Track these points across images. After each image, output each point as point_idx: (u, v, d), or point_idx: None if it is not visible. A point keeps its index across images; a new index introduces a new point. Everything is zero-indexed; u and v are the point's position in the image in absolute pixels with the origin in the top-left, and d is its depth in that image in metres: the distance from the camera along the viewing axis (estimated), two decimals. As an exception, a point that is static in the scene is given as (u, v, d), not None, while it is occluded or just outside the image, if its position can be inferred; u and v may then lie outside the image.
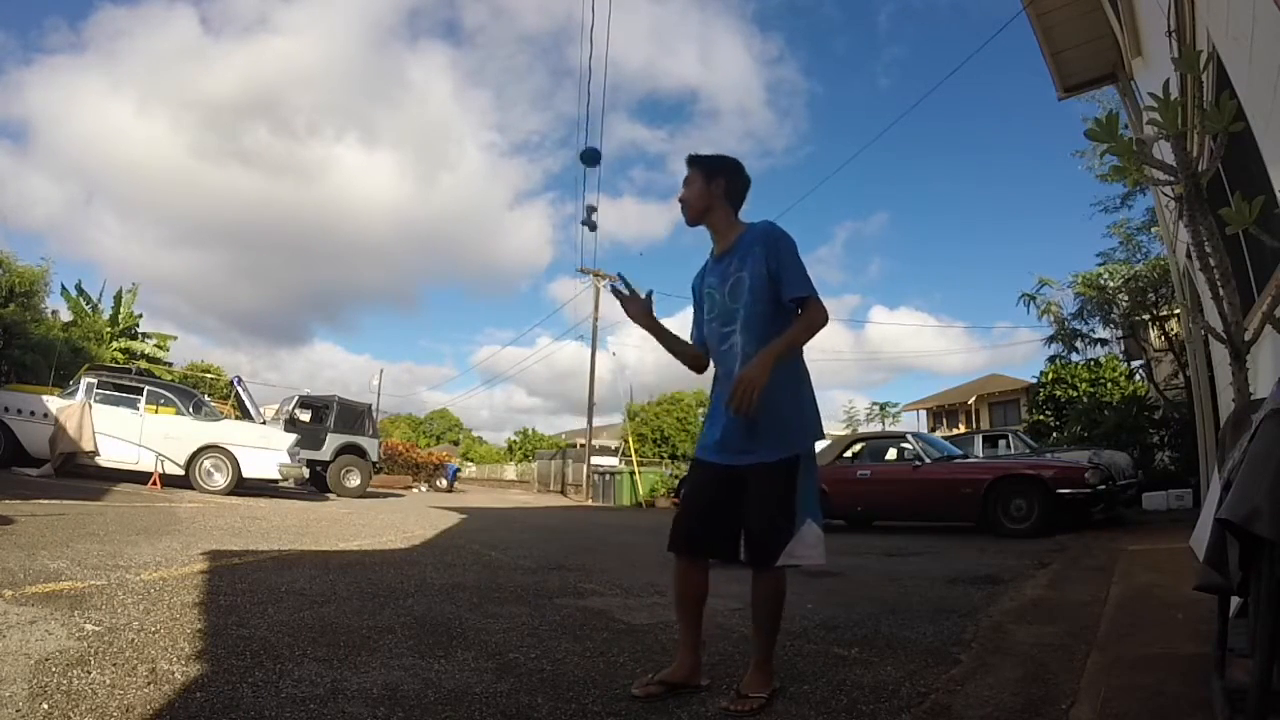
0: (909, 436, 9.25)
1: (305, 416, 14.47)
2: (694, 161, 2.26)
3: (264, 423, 13.54)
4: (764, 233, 2.14)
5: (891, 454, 9.12)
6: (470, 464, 46.87)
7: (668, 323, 2.37)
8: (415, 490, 20.14)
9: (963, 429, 25.07)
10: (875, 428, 27.89)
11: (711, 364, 2.26)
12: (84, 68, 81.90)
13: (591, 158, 2.33)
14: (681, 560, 2.11)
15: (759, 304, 2.08)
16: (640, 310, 2.30)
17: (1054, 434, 14.76)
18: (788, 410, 2.04)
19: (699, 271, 2.34)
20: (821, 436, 2.23)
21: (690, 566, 2.11)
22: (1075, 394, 14.58)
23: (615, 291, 2.35)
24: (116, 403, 10.09)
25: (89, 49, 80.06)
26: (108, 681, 1.89)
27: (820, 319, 2.07)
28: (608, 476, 20.74)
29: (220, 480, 10.14)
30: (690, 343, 2.35)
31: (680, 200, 2.27)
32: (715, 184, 2.21)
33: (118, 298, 23.08)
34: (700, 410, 30.01)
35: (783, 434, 2.03)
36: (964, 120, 75.06)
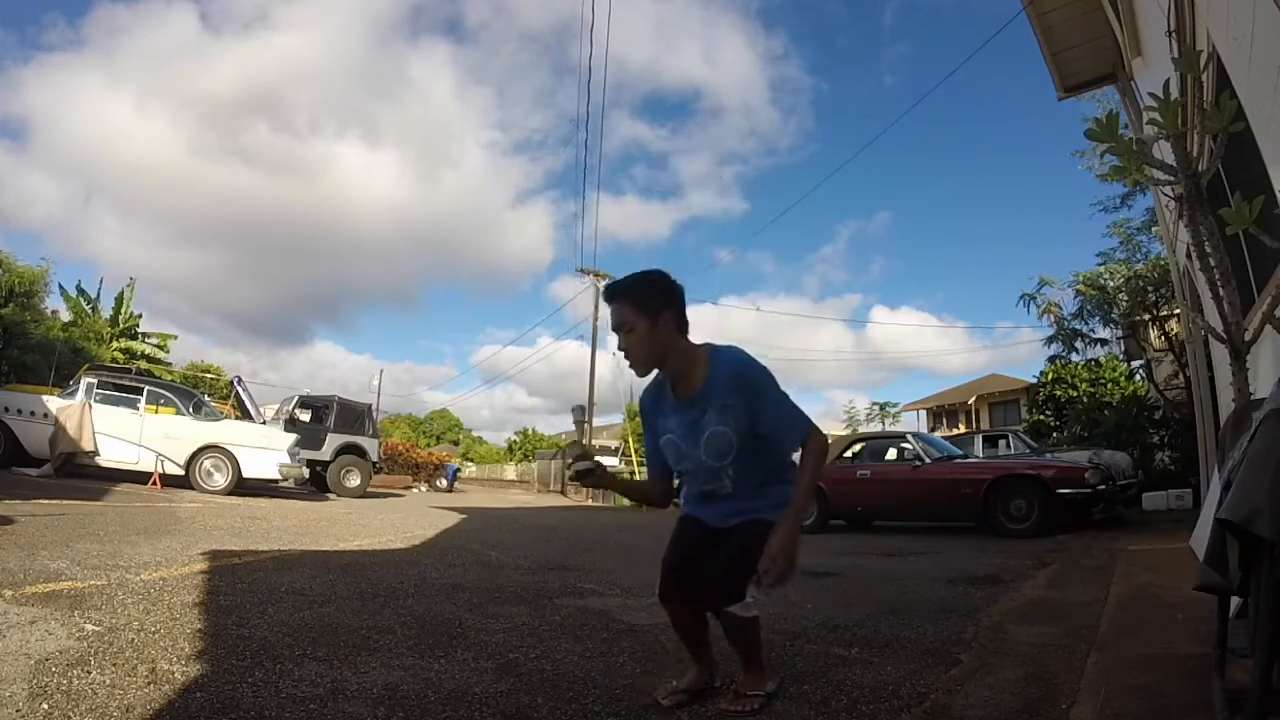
0: (909, 436, 9.25)
1: (305, 416, 14.47)
2: (622, 297, 1.91)
3: (264, 423, 13.54)
4: (739, 376, 1.88)
5: (891, 454, 9.12)
6: (470, 464, 46.90)
7: None
8: (415, 490, 20.14)
9: (963, 429, 25.05)
10: (875, 428, 27.89)
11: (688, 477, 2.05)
12: (83, 65, 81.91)
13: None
14: (673, 607, 2.04)
15: (747, 456, 1.91)
16: (603, 478, 2.01)
17: (1054, 434, 14.76)
18: (788, 489, 1.95)
19: (650, 392, 2.06)
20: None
21: (681, 610, 2.03)
22: (1075, 394, 14.57)
23: (578, 475, 2.00)
24: (116, 403, 10.09)
25: (88, 46, 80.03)
26: (108, 681, 1.89)
27: (824, 450, 1.90)
28: (608, 476, 20.69)
29: (220, 480, 10.14)
30: (651, 481, 2.16)
31: (623, 352, 1.92)
32: (662, 322, 1.88)
33: (119, 298, 23.12)
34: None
35: (777, 501, 1.94)
36: (965, 120, 75.11)
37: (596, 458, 2.05)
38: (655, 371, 1.99)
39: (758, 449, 1.92)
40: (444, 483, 22.09)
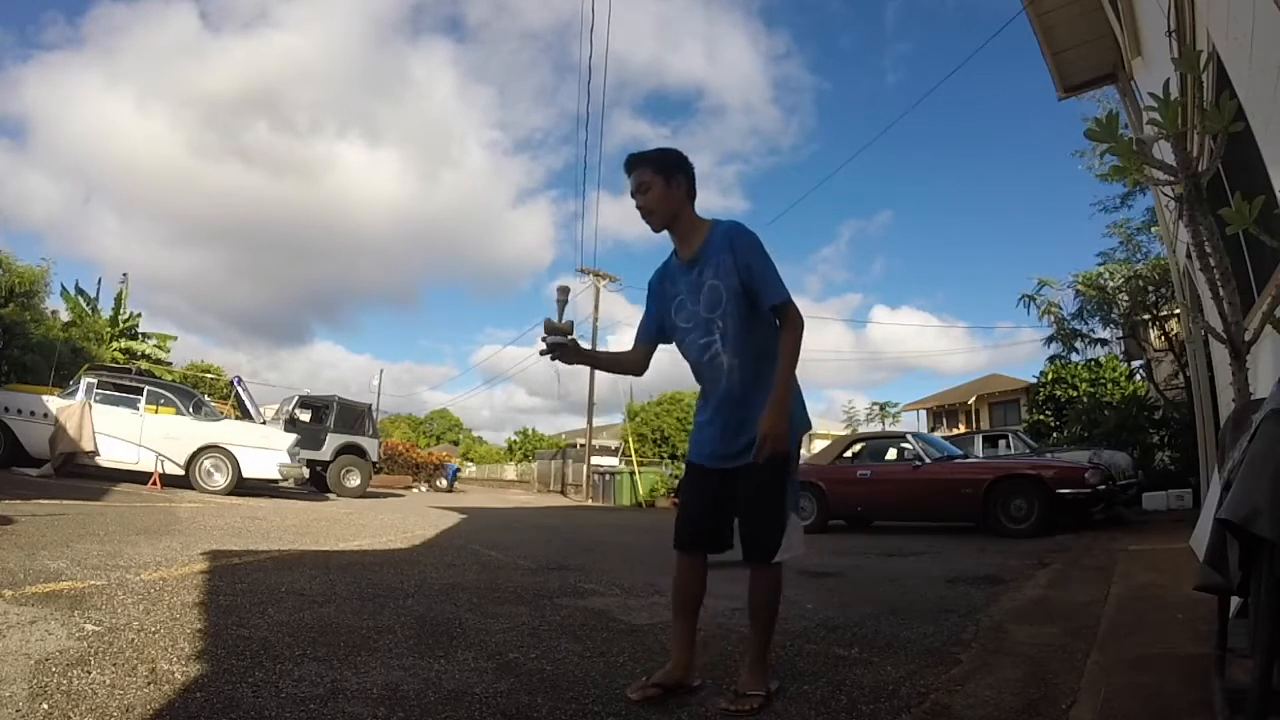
0: (909, 436, 9.25)
1: (305, 416, 14.48)
2: (643, 161, 2.13)
3: (264, 423, 13.54)
4: (731, 236, 2.08)
5: (891, 454, 9.12)
6: (470, 464, 46.89)
7: None
8: (415, 490, 20.15)
9: (963, 429, 25.04)
10: (875, 428, 27.88)
11: (693, 373, 2.20)
12: (82, 64, 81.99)
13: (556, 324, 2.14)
14: (684, 557, 2.12)
15: (736, 313, 2.06)
16: (573, 354, 2.21)
17: (1054, 434, 14.76)
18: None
19: (659, 270, 2.27)
20: (809, 427, 2.22)
21: (692, 563, 2.12)
22: (1075, 394, 14.58)
23: (551, 349, 2.17)
24: (116, 403, 10.09)
25: (87, 45, 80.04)
26: (108, 681, 1.89)
27: (800, 325, 2.05)
28: (608, 476, 20.74)
29: (220, 480, 10.14)
30: (629, 350, 2.31)
31: (641, 209, 2.13)
32: (676, 183, 2.12)
33: (118, 297, 23.12)
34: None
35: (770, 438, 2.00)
36: (966, 120, 75.12)
37: (571, 336, 2.19)
38: (664, 260, 2.24)
39: (747, 309, 2.05)
40: (444, 483, 22.09)
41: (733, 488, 2.06)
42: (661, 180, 2.11)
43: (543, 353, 2.18)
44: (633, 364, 2.33)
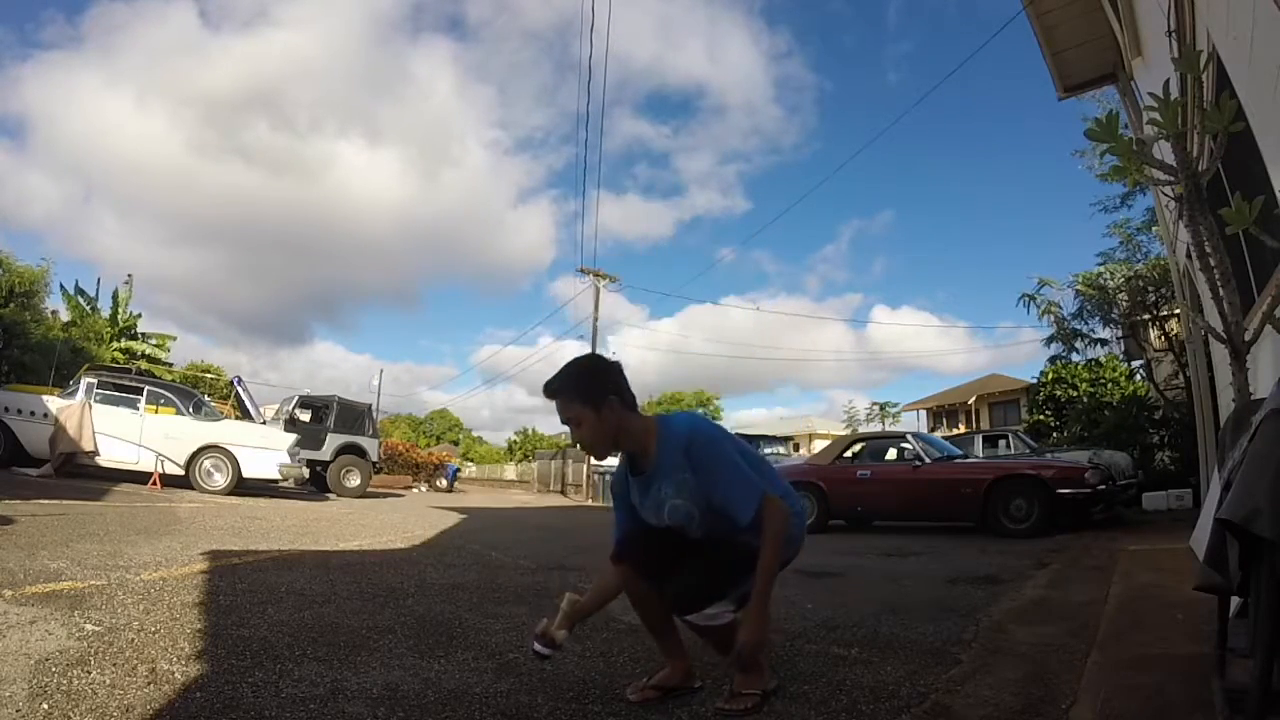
0: (909, 436, 9.25)
1: (305, 416, 14.48)
2: (564, 393, 1.93)
3: (264, 423, 13.55)
4: (683, 452, 1.89)
5: (891, 454, 9.12)
6: (470, 464, 46.90)
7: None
8: (415, 490, 20.14)
9: (963, 429, 25.05)
10: (875, 428, 27.89)
11: None
12: (82, 63, 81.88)
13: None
14: (624, 569, 2.07)
15: (708, 520, 1.94)
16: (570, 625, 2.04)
17: (1054, 434, 14.76)
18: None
19: (618, 476, 2.12)
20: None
21: (636, 574, 2.06)
22: (1075, 394, 14.57)
23: (539, 656, 2.00)
24: (116, 403, 10.09)
25: (86, 43, 79.95)
26: (108, 681, 1.89)
27: (781, 519, 1.88)
28: (607, 476, 20.72)
29: (220, 480, 10.14)
30: (610, 577, 2.12)
31: (580, 444, 2.00)
32: (608, 407, 1.91)
33: (115, 295, 23.11)
34: (700, 410, 29.98)
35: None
36: (966, 119, 75.11)
37: (560, 646, 2.01)
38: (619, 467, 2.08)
39: (719, 519, 1.92)
40: (444, 483, 22.08)
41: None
42: (591, 412, 1.91)
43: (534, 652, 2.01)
44: (615, 589, 2.12)
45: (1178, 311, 10.57)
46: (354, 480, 14.11)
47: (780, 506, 1.90)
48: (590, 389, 1.92)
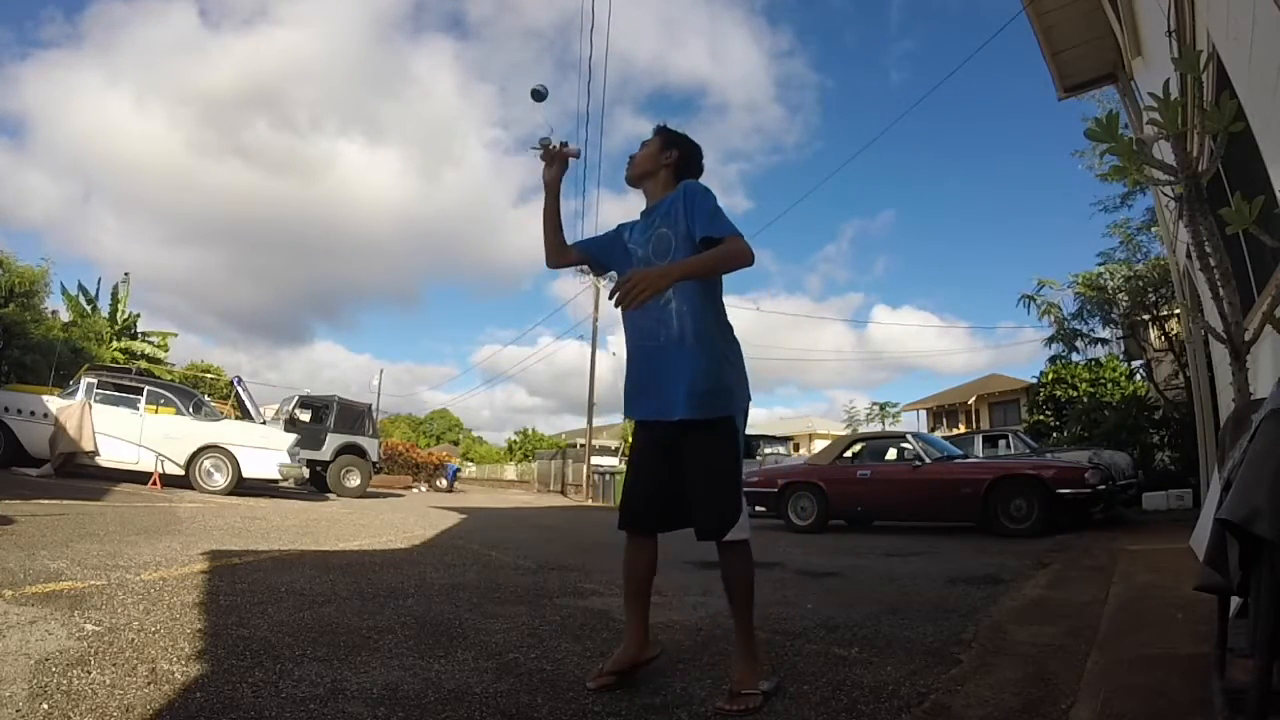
0: (909, 436, 9.25)
1: (305, 416, 14.47)
2: (659, 129, 2.31)
3: (264, 423, 13.54)
4: (685, 187, 2.16)
5: (891, 454, 9.12)
6: (470, 464, 46.90)
7: None
8: (415, 490, 20.15)
9: (963, 429, 25.05)
10: (875, 428, 27.89)
11: (632, 323, 2.17)
12: (81, 61, 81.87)
13: (538, 94, 2.21)
14: (631, 538, 2.17)
15: (683, 253, 2.08)
16: (557, 174, 2.32)
17: (1054, 434, 14.76)
18: (725, 370, 2.07)
19: (625, 224, 2.35)
20: (749, 400, 2.21)
21: (640, 544, 2.17)
22: (1075, 394, 14.58)
23: (544, 146, 2.31)
24: (116, 403, 10.09)
25: (86, 42, 79.95)
26: (108, 681, 1.89)
27: (739, 250, 2.01)
28: (608, 476, 20.73)
29: (220, 480, 10.14)
30: (561, 237, 2.34)
31: (630, 157, 2.31)
32: (667, 154, 2.25)
33: (114, 294, 23.11)
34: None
35: (718, 393, 2.04)
36: (967, 119, 75.12)
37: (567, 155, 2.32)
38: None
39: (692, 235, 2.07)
40: (444, 483, 22.09)
41: (681, 464, 2.08)
42: (659, 143, 2.27)
43: (541, 144, 2.30)
44: (557, 246, 2.34)
45: (1178, 311, 10.57)
46: (354, 480, 14.11)
47: (744, 245, 2.02)
48: (673, 135, 2.29)
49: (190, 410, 10.56)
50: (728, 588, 2.07)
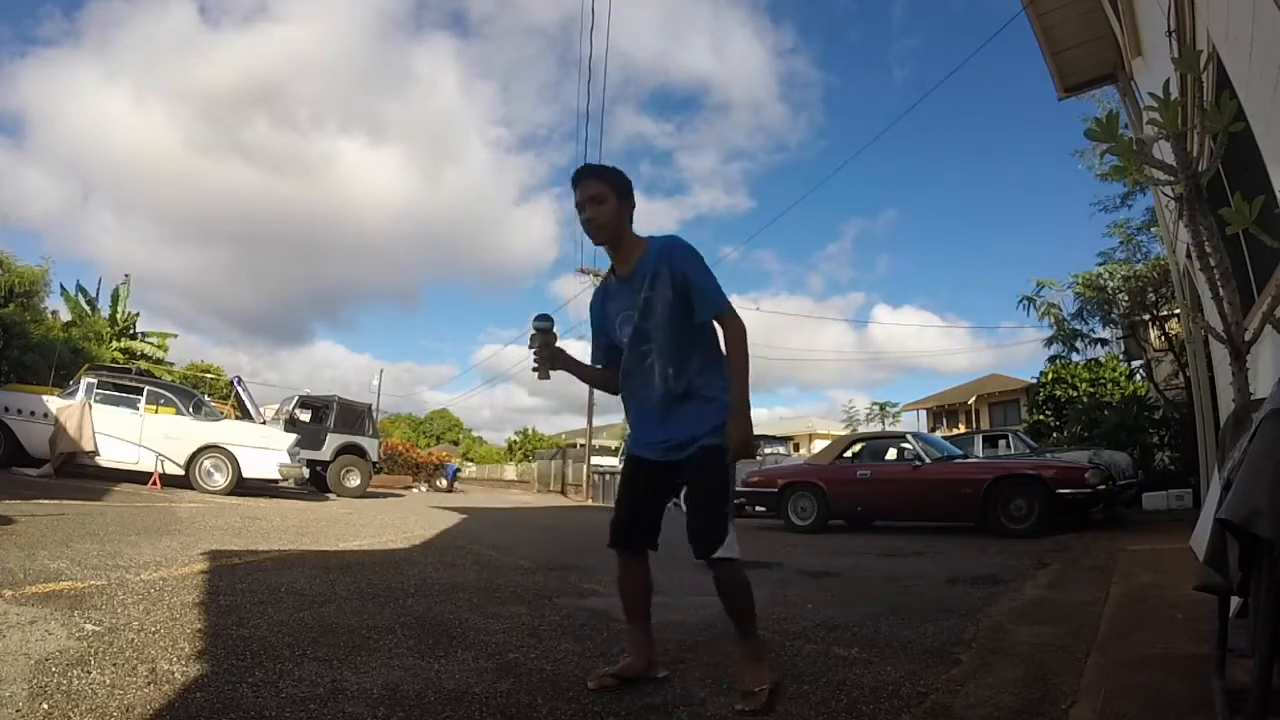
0: (909, 436, 9.25)
1: (305, 416, 14.47)
2: (600, 175, 2.16)
3: (264, 423, 13.54)
4: (668, 249, 2.10)
5: (891, 454, 9.11)
6: (470, 464, 46.87)
7: None
8: (415, 490, 20.14)
9: (963, 429, 25.03)
10: (875, 428, 27.89)
11: (624, 382, 2.21)
12: (80, 59, 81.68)
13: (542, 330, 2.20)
14: (622, 558, 2.20)
15: (672, 325, 2.07)
16: (561, 362, 2.22)
17: (1054, 434, 14.76)
18: (712, 412, 2.06)
19: (598, 292, 2.30)
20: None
21: (632, 563, 2.20)
22: (1075, 394, 14.57)
23: (537, 351, 2.19)
24: (116, 403, 10.09)
25: (84, 39, 79.73)
26: (108, 681, 1.89)
27: (743, 333, 2.06)
28: (608, 476, 20.74)
29: (220, 480, 10.14)
30: (599, 369, 2.31)
31: (591, 221, 2.13)
32: (626, 205, 2.16)
33: (114, 295, 23.10)
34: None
35: (712, 434, 2.05)
36: (969, 119, 75.03)
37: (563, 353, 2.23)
38: (600, 281, 2.30)
39: (682, 320, 2.07)
40: (444, 483, 22.07)
41: (671, 486, 2.14)
42: (616, 198, 2.14)
43: (532, 341, 2.20)
44: (608, 383, 2.30)
45: (1178, 311, 10.56)
46: (354, 480, 14.10)
47: (741, 325, 2.07)
48: (622, 183, 2.16)
49: (190, 410, 10.56)
50: (725, 605, 2.07)
